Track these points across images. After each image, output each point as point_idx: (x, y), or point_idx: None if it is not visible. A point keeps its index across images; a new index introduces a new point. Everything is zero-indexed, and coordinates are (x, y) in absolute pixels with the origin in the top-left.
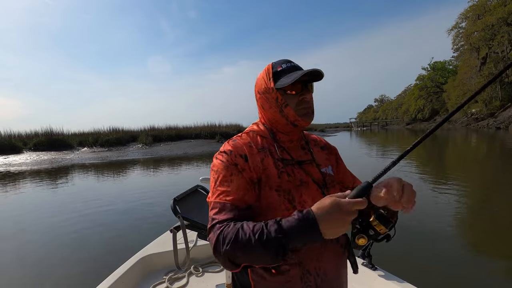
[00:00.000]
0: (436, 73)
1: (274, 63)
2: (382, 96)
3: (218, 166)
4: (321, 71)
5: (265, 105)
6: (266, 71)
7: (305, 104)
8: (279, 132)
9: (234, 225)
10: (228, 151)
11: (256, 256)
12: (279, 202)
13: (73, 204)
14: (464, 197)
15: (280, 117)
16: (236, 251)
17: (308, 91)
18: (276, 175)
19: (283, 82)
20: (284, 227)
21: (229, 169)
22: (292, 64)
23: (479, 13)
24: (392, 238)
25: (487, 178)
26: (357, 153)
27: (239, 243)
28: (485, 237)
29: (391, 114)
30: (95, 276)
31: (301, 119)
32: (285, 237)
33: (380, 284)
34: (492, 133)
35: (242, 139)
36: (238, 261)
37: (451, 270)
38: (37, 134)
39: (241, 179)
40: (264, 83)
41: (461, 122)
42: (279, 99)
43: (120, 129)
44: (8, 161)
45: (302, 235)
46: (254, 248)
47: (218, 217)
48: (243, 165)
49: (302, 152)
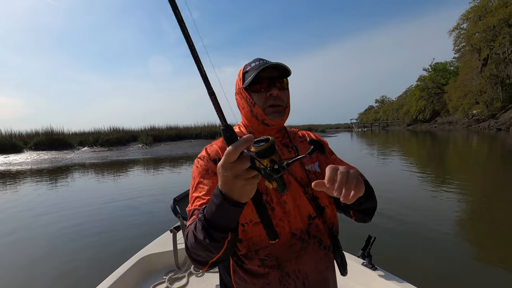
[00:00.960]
0: (437, 74)
1: (247, 63)
2: (383, 97)
3: (194, 172)
4: (283, 64)
5: (240, 105)
6: (239, 72)
7: (272, 101)
8: (256, 132)
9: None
10: (202, 157)
11: (199, 247)
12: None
13: (72, 203)
14: (464, 198)
15: (251, 117)
16: (190, 249)
17: (275, 87)
18: None
19: (247, 80)
20: (204, 210)
21: (202, 175)
22: (260, 62)
23: (480, 14)
24: (392, 239)
25: (488, 179)
26: (357, 154)
27: (189, 240)
28: (486, 237)
29: (392, 115)
30: (95, 276)
31: (269, 118)
32: (206, 219)
33: (380, 284)
34: (493, 134)
35: (220, 142)
36: (199, 258)
37: (451, 270)
38: (38, 133)
39: (212, 184)
40: (237, 84)
41: (462, 123)
42: (248, 98)
43: (120, 129)
44: (8, 161)
45: (217, 209)
46: (195, 241)
47: (187, 223)
48: (214, 169)
49: (285, 150)
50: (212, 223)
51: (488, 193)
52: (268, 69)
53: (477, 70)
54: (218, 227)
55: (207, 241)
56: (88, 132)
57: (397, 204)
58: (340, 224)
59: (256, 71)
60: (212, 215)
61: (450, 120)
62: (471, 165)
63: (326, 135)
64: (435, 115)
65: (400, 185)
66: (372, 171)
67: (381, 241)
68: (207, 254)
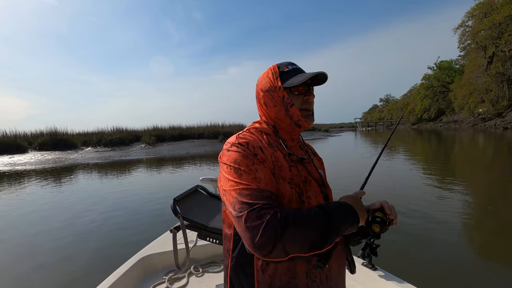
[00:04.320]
0: (442, 72)
1: (279, 64)
2: (387, 96)
3: (236, 157)
4: (326, 74)
5: (269, 103)
6: (272, 70)
7: (308, 106)
8: (282, 130)
9: (283, 209)
10: (244, 143)
11: (313, 238)
12: (292, 194)
13: (73, 203)
14: (468, 198)
15: (285, 116)
16: (296, 231)
17: (312, 93)
18: (288, 168)
19: (292, 81)
20: (337, 211)
21: (250, 159)
22: (297, 67)
23: (485, 11)
24: (392, 239)
25: (494, 179)
26: (359, 153)
27: (298, 222)
28: (487, 238)
29: (397, 114)
30: (95, 276)
31: (304, 120)
32: (340, 220)
33: (380, 284)
34: (500, 133)
35: (250, 133)
36: (291, 248)
37: (452, 270)
38: (42, 134)
39: (265, 169)
40: (270, 82)
41: (468, 122)
42: (285, 98)
43: (123, 129)
44: (13, 161)
45: (349, 218)
46: (312, 228)
47: (258, 201)
48: (262, 155)
49: (301, 151)
50: (343, 221)
51: (493, 193)
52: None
53: (482, 68)
54: (343, 227)
55: (332, 235)
56: (92, 132)
57: (397, 204)
58: None
59: (309, 76)
60: (344, 218)
61: (455, 119)
62: (476, 164)
63: (330, 135)
64: (440, 114)
65: (402, 184)
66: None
67: (381, 241)
68: (313, 244)
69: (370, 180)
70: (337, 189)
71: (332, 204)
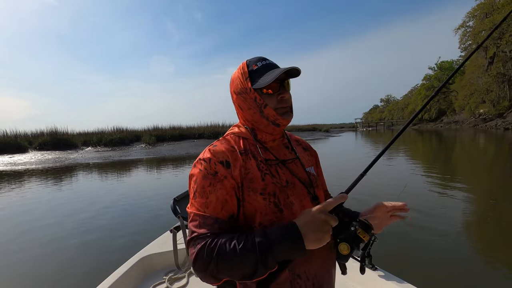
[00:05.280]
0: (443, 72)
1: (248, 61)
2: (388, 96)
3: (197, 175)
4: (298, 68)
5: (243, 105)
6: (241, 70)
7: (283, 103)
8: (261, 131)
9: (215, 239)
10: (207, 159)
11: (239, 269)
12: (265, 206)
13: (72, 203)
14: (469, 198)
15: (260, 117)
16: (219, 266)
17: (286, 89)
18: (260, 178)
19: (262, 82)
20: (270, 241)
21: (208, 179)
22: (267, 62)
23: (486, 11)
24: (392, 239)
25: (495, 180)
26: (361, 152)
27: (222, 257)
28: (488, 238)
29: (397, 114)
30: (95, 276)
31: (281, 118)
32: (270, 251)
33: (380, 284)
34: (501, 134)
35: (223, 143)
36: (220, 276)
37: (452, 270)
38: (43, 133)
39: (221, 190)
40: (240, 83)
41: (469, 123)
42: (257, 99)
43: (124, 129)
44: (13, 160)
45: (287, 247)
46: (238, 261)
47: (198, 230)
48: (224, 172)
49: (286, 151)
50: (274, 252)
51: (495, 194)
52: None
53: (483, 68)
54: (275, 257)
55: (259, 266)
56: (92, 132)
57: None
58: None
59: (276, 75)
60: (278, 247)
61: (456, 120)
62: (477, 165)
63: (331, 135)
64: (441, 114)
65: (402, 184)
66: (373, 170)
67: (381, 241)
68: (240, 275)
69: (373, 180)
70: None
71: (275, 230)
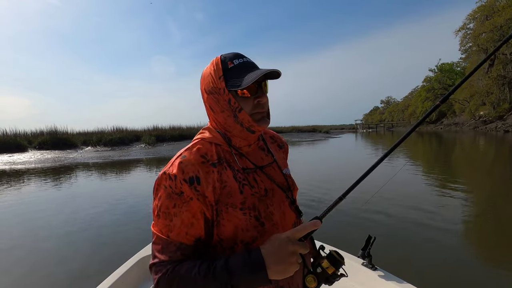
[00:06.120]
0: (443, 74)
1: (223, 56)
2: (388, 97)
3: (161, 194)
4: (279, 71)
5: (214, 107)
6: (214, 66)
7: (260, 108)
8: (234, 137)
9: (176, 267)
10: (173, 176)
11: None
12: (246, 221)
13: (71, 203)
14: (469, 200)
15: (234, 122)
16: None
17: (263, 92)
18: (238, 190)
19: (238, 83)
20: (230, 271)
21: (172, 199)
22: (245, 60)
23: (487, 13)
24: (392, 239)
25: (495, 182)
26: (362, 153)
27: (182, 287)
28: (488, 239)
29: (397, 116)
30: (95, 276)
31: (257, 124)
32: (230, 280)
33: (380, 284)
34: (501, 136)
35: (193, 153)
36: None
37: (452, 270)
38: (42, 133)
39: (186, 212)
40: (213, 81)
41: (469, 125)
42: (232, 101)
43: (124, 129)
44: (12, 160)
45: (248, 279)
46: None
47: (159, 256)
48: (190, 192)
49: (262, 154)
50: (234, 283)
51: (495, 195)
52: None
53: (484, 70)
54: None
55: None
56: (92, 131)
57: (398, 204)
58: (339, 224)
59: (257, 77)
60: (239, 278)
61: (456, 122)
62: (477, 167)
63: (331, 136)
64: (441, 116)
65: (402, 185)
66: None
67: (381, 241)
68: None
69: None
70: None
71: (238, 259)
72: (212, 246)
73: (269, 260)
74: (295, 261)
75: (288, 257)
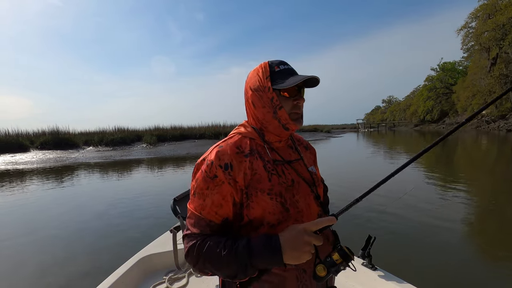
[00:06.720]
0: (445, 73)
1: (271, 62)
2: (390, 97)
3: (198, 176)
4: (318, 78)
5: (257, 103)
6: (262, 69)
7: (297, 109)
8: (269, 132)
9: (205, 239)
10: (210, 162)
11: (222, 270)
12: (273, 205)
13: (72, 203)
14: (470, 199)
15: (272, 118)
16: (206, 264)
17: (301, 96)
18: (267, 178)
19: (285, 83)
20: (251, 251)
21: (207, 182)
22: (289, 67)
23: (489, 12)
24: (392, 239)
25: (497, 181)
26: (363, 153)
27: (208, 258)
28: (489, 239)
29: (399, 115)
30: (95, 276)
31: (293, 123)
32: (250, 260)
33: (380, 284)
34: (503, 135)
35: (229, 144)
36: (206, 271)
37: (452, 270)
38: (44, 133)
39: (217, 194)
40: (259, 80)
41: (471, 124)
42: (274, 99)
43: (125, 129)
44: (15, 160)
45: (266, 260)
46: (221, 264)
47: (191, 229)
48: (224, 177)
49: (290, 151)
50: (253, 262)
51: (496, 195)
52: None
53: (486, 69)
54: (254, 266)
55: (239, 272)
56: (94, 131)
57: (398, 204)
58: (339, 224)
59: (301, 80)
60: (258, 258)
61: (458, 121)
62: (479, 166)
63: (332, 136)
64: (443, 115)
65: (402, 185)
66: (373, 170)
67: (381, 241)
68: (224, 275)
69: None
70: (340, 198)
71: (259, 242)
72: (241, 226)
73: (286, 246)
74: (308, 251)
75: (302, 245)
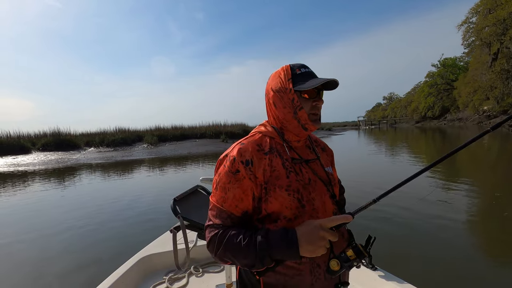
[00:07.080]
0: (446, 69)
1: (292, 65)
2: (391, 94)
3: (221, 171)
4: (338, 81)
5: (278, 103)
6: (284, 71)
7: (316, 110)
8: (288, 132)
9: (226, 230)
10: (232, 158)
11: (241, 260)
12: (290, 201)
13: (73, 203)
14: (471, 197)
15: (292, 118)
16: (226, 253)
17: (320, 98)
18: (285, 175)
19: (304, 85)
20: (269, 243)
21: (229, 177)
22: (309, 70)
23: (490, 7)
24: (392, 239)
25: (498, 179)
26: (363, 151)
27: (228, 248)
28: (489, 238)
29: (400, 112)
30: (95, 276)
31: (311, 123)
32: (268, 251)
33: (380, 284)
34: (505, 131)
35: (250, 142)
36: (226, 259)
37: (452, 270)
38: (45, 134)
39: (238, 188)
40: (281, 82)
41: (473, 120)
42: (295, 100)
43: (126, 129)
44: (16, 161)
45: (283, 252)
46: (240, 253)
47: (213, 220)
48: (245, 172)
49: (308, 151)
50: (270, 253)
51: (498, 193)
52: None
53: (487, 65)
54: (272, 257)
55: (257, 262)
56: (95, 132)
57: (398, 204)
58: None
59: (321, 82)
60: (275, 250)
61: (460, 117)
62: (481, 163)
63: (333, 133)
64: (444, 111)
65: (400, 181)
66: (372, 170)
67: (381, 241)
68: (242, 264)
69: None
70: None
71: (276, 234)
72: (260, 219)
73: (302, 239)
74: (323, 245)
75: (318, 240)
